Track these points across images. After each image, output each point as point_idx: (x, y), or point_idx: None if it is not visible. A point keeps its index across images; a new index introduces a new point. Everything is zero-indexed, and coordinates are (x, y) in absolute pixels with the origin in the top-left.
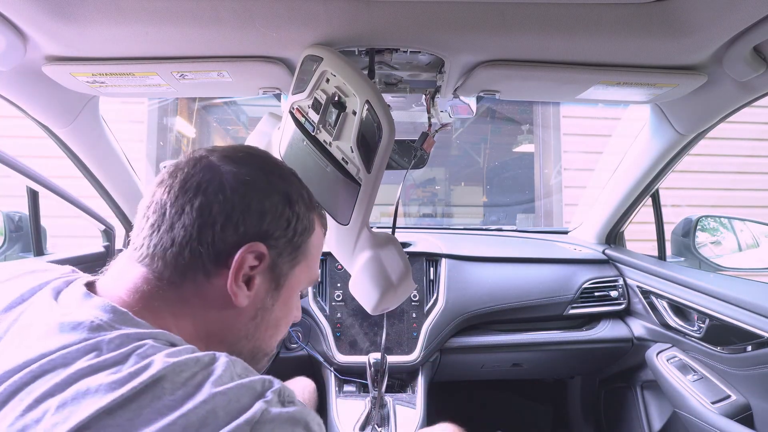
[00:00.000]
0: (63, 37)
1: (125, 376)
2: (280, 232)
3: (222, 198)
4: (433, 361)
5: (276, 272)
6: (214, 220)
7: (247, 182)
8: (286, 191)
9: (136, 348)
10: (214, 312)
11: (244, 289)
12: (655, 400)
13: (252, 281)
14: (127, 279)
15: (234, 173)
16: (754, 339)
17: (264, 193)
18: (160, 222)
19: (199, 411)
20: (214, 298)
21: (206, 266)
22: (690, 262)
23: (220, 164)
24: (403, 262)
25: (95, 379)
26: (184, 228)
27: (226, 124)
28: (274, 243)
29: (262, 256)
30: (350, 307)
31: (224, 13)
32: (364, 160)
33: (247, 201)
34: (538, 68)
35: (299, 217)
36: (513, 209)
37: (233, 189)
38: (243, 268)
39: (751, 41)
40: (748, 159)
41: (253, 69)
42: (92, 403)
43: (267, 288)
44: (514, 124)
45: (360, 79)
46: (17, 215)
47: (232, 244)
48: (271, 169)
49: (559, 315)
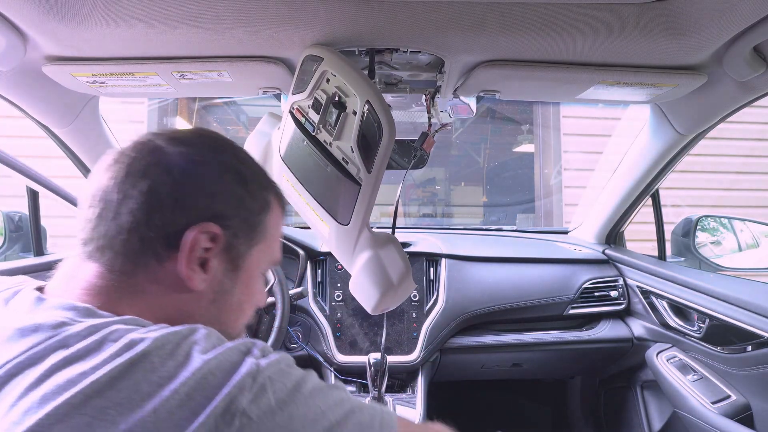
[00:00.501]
0: (63, 37)
1: (106, 358)
2: (233, 212)
3: (169, 179)
4: (433, 361)
5: (233, 253)
6: (162, 203)
7: (196, 162)
8: (238, 170)
9: (108, 334)
10: (172, 298)
11: (199, 272)
12: (655, 400)
13: (207, 264)
14: (79, 278)
15: (182, 154)
16: (754, 339)
17: (215, 173)
18: (105, 211)
19: (197, 375)
20: (170, 284)
21: (158, 251)
22: (690, 262)
23: (166, 146)
24: (403, 262)
25: (72, 369)
26: (131, 213)
27: (226, 124)
28: (228, 223)
29: (216, 237)
30: (350, 307)
31: (224, 13)
32: (364, 160)
33: (197, 181)
34: (538, 68)
35: (254, 195)
36: (513, 209)
37: (181, 170)
38: (196, 251)
39: (751, 41)
40: (748, 159)
41: (253, 69)
42: (76, 389)
43: (224, 270)
44: (514, 124)
45: (360, 79)
46: (17, 215)
47: (183, 227)
48: (221, 148)
49: (559, 315)
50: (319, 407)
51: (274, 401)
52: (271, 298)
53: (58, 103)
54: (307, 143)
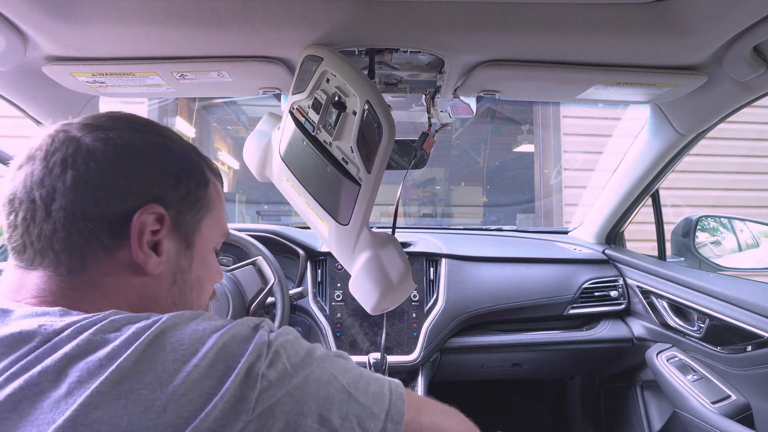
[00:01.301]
0: (63, 37)
1: (118, 345)
2: (172, 191)
3: (95, 167)
4: (433, 361)
5: (182, 231)
6: (93, 193)
7: (119, 146)
8: (166, 147)
9: (103, 327)
10: (132, 287)
11: (153, 256)
12: (655, 400)
13: (159, 246)
14: (28, 288)
15: (102, 139)
16: (754, 339)
17: (142, 153)
18: (31, 212)
19: (215, 348)
20: (125, 273)
21: (104, 242)
22: (690, 262)
23: (81, 134)
24: (403, 262)
25: (88, 360)
26: (62, 209)
27: (226, 124)
28: (169, 202)
29: (162, 217)
30: (350, 307)
31: (224, 13)
32: (364, 160)
33: (125, 165)
34: (538, 68)
35: (188, 171)
36: (513, 209)
37: (105, 155)
38: (145, 234)
39: (751, 41)
40: (748, 159)
41: (253, 69)
42: (102, 377)
43: (178, 249)
44: (514, 124)
45: (360, 79)
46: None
47: (124, 213)
48: (142, 128)
49: (559, 315)
50: (331, 372)
51: (290, 366)
52: (271, 298)
53: (58, 104)
54: (306, 143)
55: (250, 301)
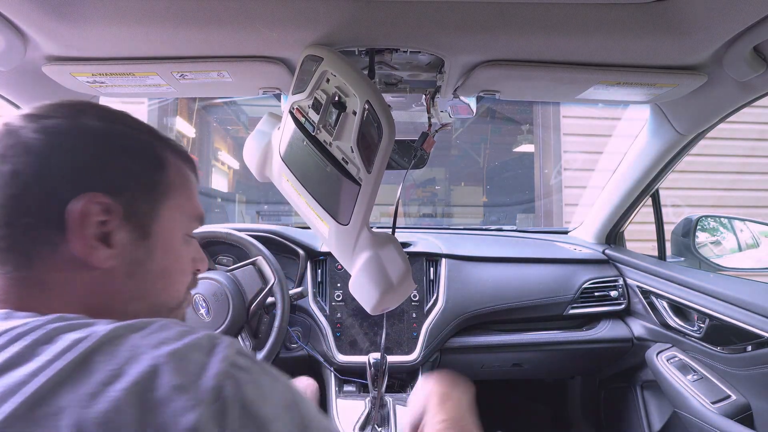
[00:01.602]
0: (63, 37)
1: (45, 362)
2: (120, 177)
3: (32, 159)
4: (433, 361)
5: (137, 220)
6: (29, 186)
7: (55, 133)
8: (110, 131)
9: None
10: (82, 283)
11: (102, 248)
12: (655, 400)
13: (110, 237)
14: None
15: (40, 129)
16: (754, 339)
17: (83, 139)
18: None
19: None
20: (73, 269)
21: (48, 237)
22: (690, 262)
23: (20, 125)
24: (403, 262)
25: (14, 373)
26: (2, 207)
27: (226, 124)
28: (118, 190)
29: (108, 207)
30: (350, 307)
31: (224, 13)
32: (364, 160)
33: (64, 153)
34: (538, 68)
35: (137, 153)
36: (513, 209)
37: (43, 145)
38: (89, 226)
39: (751, 41)
40: (748, 159)
41: (253, 69)
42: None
43: (133, 240)
44: (514, 124)
45: (360, 79)
46: None
47: (63, 205)
48: (84, 113)
49: (559, 315)
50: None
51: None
52: (271, 298)
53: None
54: (307, 143)
55: (250, 301)
